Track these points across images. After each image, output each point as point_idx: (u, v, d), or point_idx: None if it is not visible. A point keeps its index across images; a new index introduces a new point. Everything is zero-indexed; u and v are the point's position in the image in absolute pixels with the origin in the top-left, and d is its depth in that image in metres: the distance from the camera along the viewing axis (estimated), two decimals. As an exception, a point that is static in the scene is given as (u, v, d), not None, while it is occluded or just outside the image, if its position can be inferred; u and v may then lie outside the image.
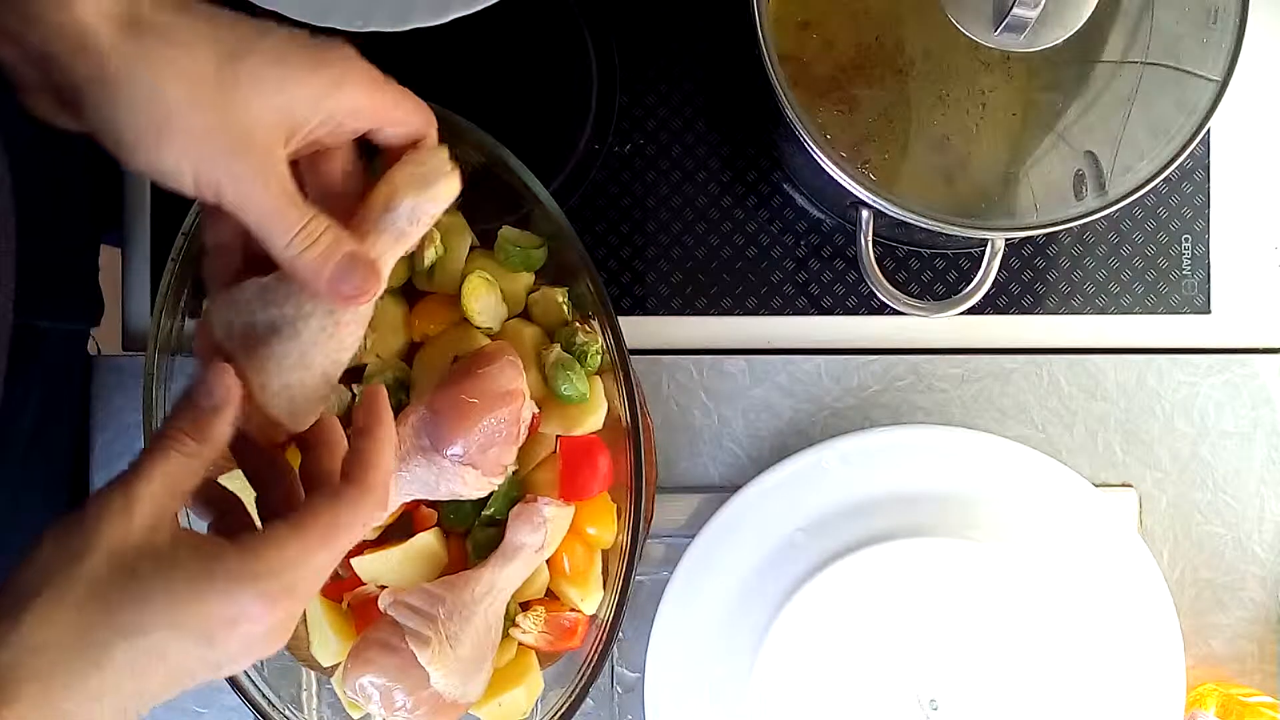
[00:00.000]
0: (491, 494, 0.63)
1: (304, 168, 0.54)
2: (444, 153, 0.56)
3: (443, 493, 0.61)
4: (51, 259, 0.72)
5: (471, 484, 0.60)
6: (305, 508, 0.49)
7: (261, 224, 0.50)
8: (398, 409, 0.62)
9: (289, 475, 0.53)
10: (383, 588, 0.64)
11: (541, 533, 0.62)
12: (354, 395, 0.65)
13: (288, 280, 0.53)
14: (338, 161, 0.54)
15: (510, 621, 0.64)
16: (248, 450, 0.54)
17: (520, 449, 0.63)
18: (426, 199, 0.55)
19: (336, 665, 0.65)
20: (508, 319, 0.67)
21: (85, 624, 0.45)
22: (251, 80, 0.49)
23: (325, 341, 0.54)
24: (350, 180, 0.55)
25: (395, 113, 0.53)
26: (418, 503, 0.64)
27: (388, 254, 0.55)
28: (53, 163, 0.73)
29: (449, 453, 0.59)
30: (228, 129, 0.48)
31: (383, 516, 0.50)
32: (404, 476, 0.61)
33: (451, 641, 0.59)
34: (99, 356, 0.76)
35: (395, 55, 0.69)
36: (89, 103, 0.47)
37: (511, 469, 0.64)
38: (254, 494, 0.54)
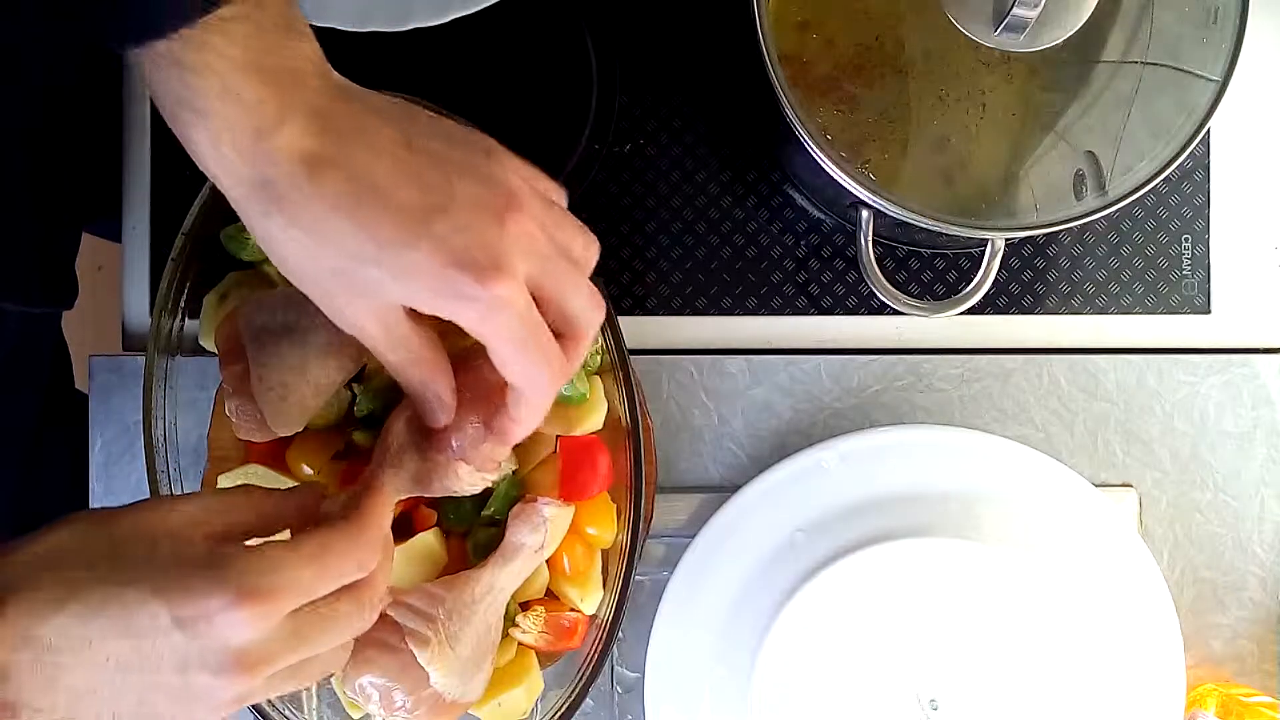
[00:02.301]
0: (491, 493, 0.63)
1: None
2: None
3: (437, 489, 0.61)
4: (22, 242, 0.72)
5: (465, 479, 0.60)
6: (303, 532, 0.49)
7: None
8: (393, 406, 0.62)
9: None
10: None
11: (541, 532, 0.62)
12: (354, 395, 0.65)
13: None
14: (484, 369, 0.55)
15: (510, 621, 0.64)
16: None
17: (520, 448, 0.63)
18: None
19: (336, 665, 0.65)
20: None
21: (81, 552, 0.46)
22: (366, 286, 0.48)
23: (325, 355, 0.59)
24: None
25: (500, 361, 0.51)
26: (418, 502, 0.64)
27: None
28: (34, 149, 0.73)
29: (440, 447, 0.59)
30: (335, 311, 0.50)
31: (372, 562, 0.51)
32: (398, 473, 0.61)
33: (451, 641, 0.59)
34: (99, 356, 0.76)
35: (395, 55, 0.69)
36: None
37: (511, 468, 0.64)
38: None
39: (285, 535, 0.51)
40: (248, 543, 0.49)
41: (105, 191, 0.78)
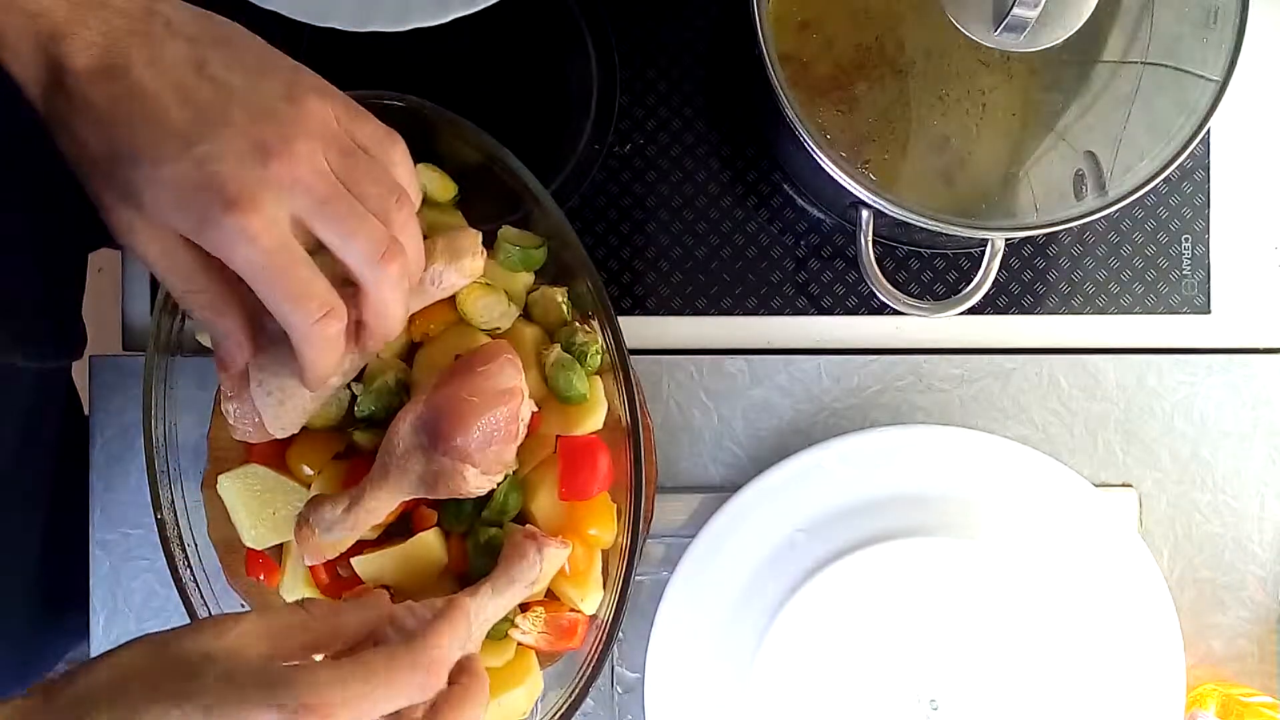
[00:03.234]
0: (491, 494, 0.63)
1: None
2: (478, 236, 0.62)
3: (442, 491, 0.61)
4: (31, 298, 0.72)
5: (471, 481, 0.60)
6: (367, 652, 0.49)
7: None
8: (398, 409, 0.62)
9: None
10: (383, 587, 0.64)
11: (536, 569, 0.62)
12: (354, 395, 0.65)
13: None
14: None
15: (510, 622, 0.64)
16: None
17: (520, 448, 0.63)
18: (454, 269, 0.61)
19: (336, 665, 0.65)
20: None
21: (141, 675, 0.46)
22: (127, 191, 0.50)
23: None
24: None
25: (259, 295, 0.52)
26: (418, 502, 0.64)
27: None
28: (37, 200, 0.73)
29: (448, 450, 0.59)
30: (118, 224, 0.51)
31: (438, 681, 0.50)
32: (403, 475, 0.61)
33: None
34: (99, 357, 0.76)
35: (396, 55, 0.69)
36: None
37: (511, 468, 0.64)
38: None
39: None
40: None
41: None
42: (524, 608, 0.65)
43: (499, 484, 0.63)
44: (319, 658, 0.51)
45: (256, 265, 0.50)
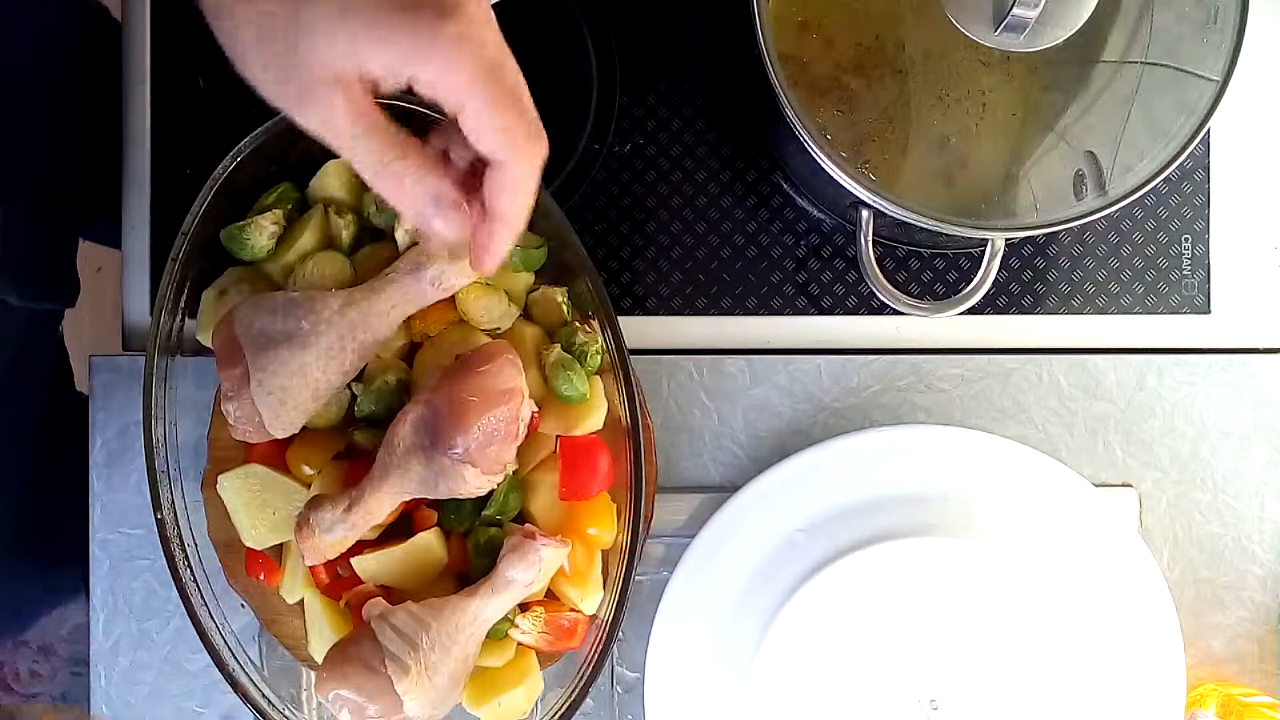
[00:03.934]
0: (491, 494, 0.63)
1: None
2: None
3: (442, 491, 0.61)
4: (29, 239, 0.72)
5: (471, 482, 0.60)
6: None
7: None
8: (398, 409, 0.62)
9: None
10: (382, 587, 0.64)
11: (535, 570, 0.62)
12: (354, 395, 0.65)
13: (311, 299, 0.60)
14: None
15: (510, 622, 0.64)
16: None
17: (520, 449, 0.63)
18: (454, 269, 0.61)
19: (336, 665, 0.65)
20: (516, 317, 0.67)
21: None
22: (315, 28, 0.45)
23: (326, 360, 0.60)
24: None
25: (470, 119, 0.48)
26: (418, 502, 0.64)
27: (405, 306, 0.62)
28: (42, 148, 0.73)
29: (449, 451, 0.60)
30: (294, 66, 0.46)
31: None
32: (404, 475, 0.61)
33: (430, 671, 0.59)
34: (99, 356, 0.76)
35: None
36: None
37: (511, 468, 0.64)
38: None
39: None
40: None
41: (105, 192, 0.78)
42: (524, 608, 0.65)
43: (499, 484, 0.63)
44: None
45: (485, 72, 0.46)
